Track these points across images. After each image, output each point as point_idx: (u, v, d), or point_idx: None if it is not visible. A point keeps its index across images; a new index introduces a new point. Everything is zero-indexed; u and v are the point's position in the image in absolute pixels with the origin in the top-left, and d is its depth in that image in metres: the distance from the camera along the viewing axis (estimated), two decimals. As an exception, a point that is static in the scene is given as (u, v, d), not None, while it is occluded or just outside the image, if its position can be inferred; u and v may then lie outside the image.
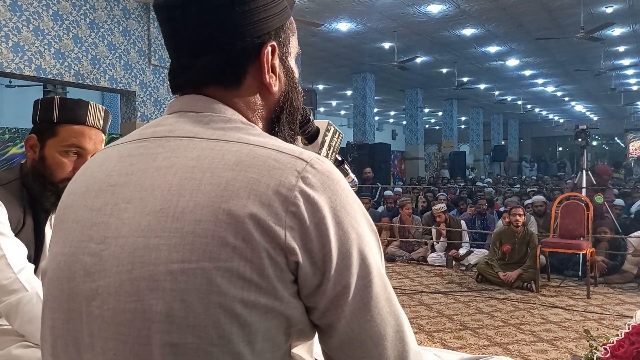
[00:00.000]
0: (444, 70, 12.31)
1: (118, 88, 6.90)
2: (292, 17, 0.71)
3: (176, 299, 0.50)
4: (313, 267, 0.53)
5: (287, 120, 0.70)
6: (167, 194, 0.54)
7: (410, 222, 6.60)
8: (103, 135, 1.37)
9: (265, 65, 0.64)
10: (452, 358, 0.90)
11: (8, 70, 5.74)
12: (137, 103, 7.11)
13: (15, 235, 1.18)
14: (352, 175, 1.03)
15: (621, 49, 10.54)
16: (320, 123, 0.91)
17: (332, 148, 0.92)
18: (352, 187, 1.05)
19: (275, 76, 0.66)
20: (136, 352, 0.51)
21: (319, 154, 0.91)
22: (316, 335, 0.61)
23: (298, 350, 0.68)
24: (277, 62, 0.66)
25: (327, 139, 0.91)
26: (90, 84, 6.60)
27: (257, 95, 0.65)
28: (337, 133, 0.93)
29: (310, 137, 0.90)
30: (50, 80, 6.65)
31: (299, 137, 0.92)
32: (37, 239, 1.26)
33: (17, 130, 6.97)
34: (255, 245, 0.51)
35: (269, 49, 0.64)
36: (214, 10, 0.61)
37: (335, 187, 0.56)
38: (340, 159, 0.97)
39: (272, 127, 0.68)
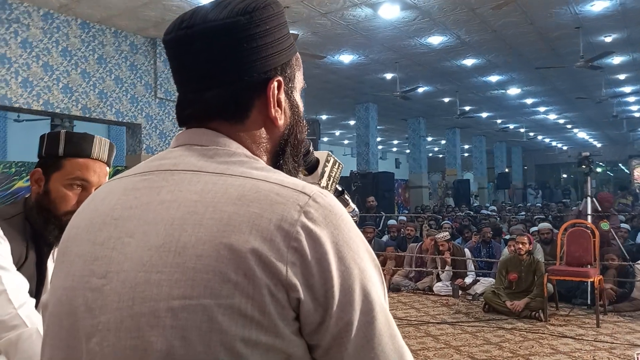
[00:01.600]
0: (446, 100, 12.43)
1: (124, 121, 7.01)
2: (298, 53, 0.72)
3: (177, 336, 0.50)
4: (315, 303, 0.53)
5: (292, 152, 0.70)
6: (170, 228, 0.54)
7: (433, 252, 6.44)
8: (107, 168, 1.38)
9: (272, 100, 0.64)
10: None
11: (17, 105, 5.85)
12: (142, 135, 7.20)
13: (18, 270, 1.18)
14: (352, 205, 1.04)
15: (622, 76, 10.64)
16: (320, 154, 0.92)
17: (332, 178, 0.92)
18: (352, 217, 1.05)
19: (281, 110, 0.66)
20: None
21: (319, 184, 0.91)
22: None
23: None
24: (282, 96, 0.66)
25: (327, 169, 0.91)
26: (97, 117, 6.70)
27: (263, 129, 0.66)
28: (337, 164, 0.94)
29: (310, 168, 0.91)
30: (58, 115, 6.77)
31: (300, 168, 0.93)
32: (39, 274, 1.26)
33: (23, 164, 7.04)
34: (256, 281, 0.50)
35: (275, 84, 0.64)
36: (221, 46, 0.61)
37: (337, 222, 0.55)
38: (340, 189, 0.98)
39: (276, 160, 0.69)
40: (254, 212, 0.53)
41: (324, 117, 15.20)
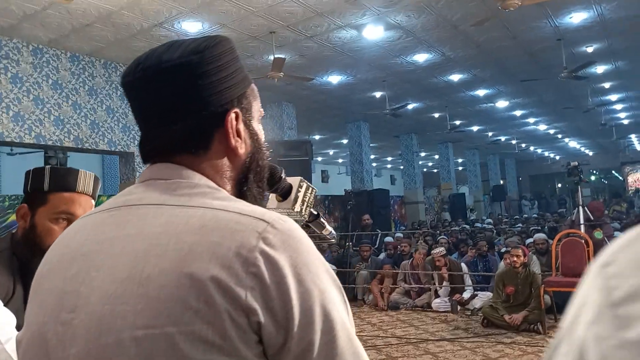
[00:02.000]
0: (436, 115, 12.56)
1: (117, 150, 7.04)
2: (253, 85, 0.75)
3: None
4: (276, 325, 0.54)
5: (255, 179, 0.73)
6: (134, 261, 0.56)
7: (424, 267, 6.46)
8: (92, 201, 1.41)
9: (230, 130, 0.68)
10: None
11: (9, 139, 5.89)
12: (135, 163, 7.23)
13: (5, 305, 1.19)
14: (329, 228, 1.06)
15: (607, 85, 10.80)
16: (293, 180, 0.95)
17: (305, 203, 0.95)
18: (330, 239, 1.09)
19: (241, 139, 0.69)
20: None
21: (293, 209, 0.94)
22: None
23: None
24: (241, 126, 0.70)
25: (300, 194, 0.94)
26: (90, 148, 6.74)
27: (225, 158, 0.69)
28: (310, 189, 0.97)
29: (284, 194, 0.94)
30: (50, 147, 6.80)
31: (274, 195, 0.96)
32: (27, 308, 1.27)
33: (17, 197, 7.03)
34: (216, 307, 0.52)
35: (233, 115, 0.68)
36: (177, 84, 0.65)
37: (296, 245, 0.58)
38: (315, 212, 1.00)
39: (240, 187, 0.71)
40: (214, 241, 0.55)
41: (316, 137, 15.29)
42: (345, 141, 14.92)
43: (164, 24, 5.88)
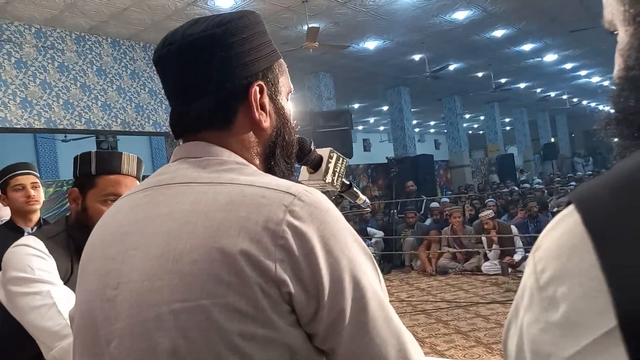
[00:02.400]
0: (480, 74, 12.09)
1: (162, 131, 7.25)
2: (282, 60, 0.75)
3: (180, 336, 0.54)
4: (307, 295, 0.56)
5: (282, 154, 0.73)
6: (168, 239, 0.58)
7: (462, 230, 6.44)
8: (137, 182, 1.46)
9: (254, 103, 0.68)
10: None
11: (61, 127, 6.18)
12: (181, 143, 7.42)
13: (65, 284, 1.28)
14: (362, 197, 1.06)
15: (666, 28, 10.00)
16: (323, 151, 0.95)
17: (337, 174, 0.95)
18: (365, 207, 1.08)
19: (266, 113, 0.70)
20: None
21: (324, 180, 0.94)
22: None
23: None
24: (266, 100, 0.70)
25: (331, 165, 0.94)
26: (136, 130, 6.97)
27: (251, 132, 0.70)
28: (341, 159, 0.97)
29: (314, 166, 0.94)
30: (100, 132, 7.09)
31: (305, 167, 0.96)
32: (76, 288, 1.35)
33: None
34: (247, 280, 0.54)
35: (257, 88, 0.68)
36: (201, 58, 0.66)
37: (323, 217, 0.58)
38: (347, 182, 1.00)
39: (268, 162, 0.72)
40: (242, 216, 0.57)
41: (356, 105, 15.12)
42: (385, 108, 14.67)
43: (197, 2, 5.90)
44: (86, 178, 1.39)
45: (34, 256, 1.25)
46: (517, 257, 5.92)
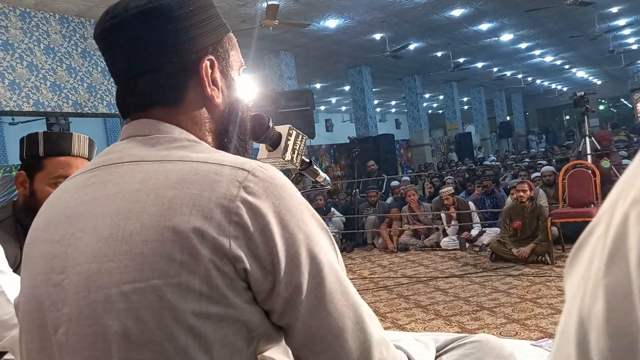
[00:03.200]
0: (439, 54, 12.25)
1: (117, 113, 7.00)
2: (231, 33, 0.73)
3: (131, 317, 0.53)
4: (263, 271, 0.55)
5: (235, 130, 0.72)
6: (116, 219, 0.56)
7: (418, 208, 6.60)
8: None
9: (205, 78, 0.66)
10: (437, 339, 0.91)
11: (7, 109, 5.86)
12: (137, 125, 7.20)
13: (14, 271, 1.23)
14: (322, 175, 1.06)
15: (614, 9, 10.39)
16: (282, 128, 0.94)
17: (296, 151, 0.95)
18: (325, 185, 1.08)
19: (218, 89, 0.68)
20: None
21: (284, 158, 0.94)
22: None
23: (272, 353, 0.71)
24: (218, 75, 0.68)
25: (290, 142, 0.94)
26: (89, 112, 6.70)
27: (203, 109, 0.67)
28: (300, 136, 0.96)
29: (273, 143, 0.93)
30: (50, 113, 6.77)
31: (264, 145, 0.95)
32: (21, 273, 1.30)
33: (24, 166, 7.10)
34: (201, 258, 0.53)
35: (207, 63, 0.66)
36: (146, 32, 0.63)
37: (278, 192, 0.58)
38: (307, 160, 1.00)
39: (221, 139, 0.70)
40: (194, 194, 0.55)
41: (317, 85, 15.05)
42: (347, 88, 14.68)
43: (150, -23, 5.67)
44: (34, 160, 1.34)
45: (-21, 243, 1.19)
46: (474, 232, 6.11)
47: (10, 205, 1.36)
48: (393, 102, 21.85)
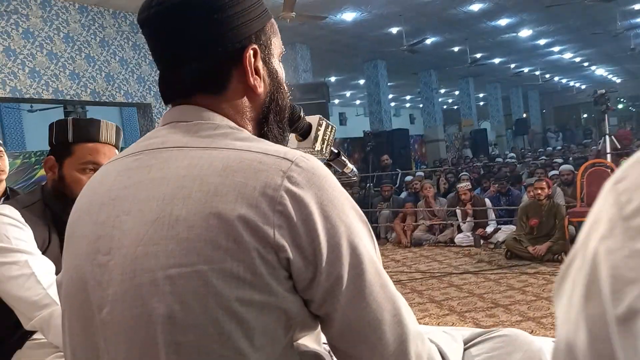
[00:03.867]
0: (456, 49, 12.12)
1: (134, 102, 7.05)
2: (272, 19, 0.72)
3: (176, 301, 0.53)
4: (305, 261, 0.56)
5: (275, 119, 0.72)
6: (162, 204, 0.57)
7: (434, 203, 6.55)
8: (116, 150, 1.43)
9: (249, 68, 0.66)
10: (463, 333, 0.91)
11: (27, 96, 5.94)
12: (153, 114, 7.25)
13: (43, 254, 1.25)
14: (350, 166, 1.06)
15: (637, 6, 10.18)
16: (312, 119, 0.94)
17: (325, 142, 0.95)
18: (352, 177, 1.08)
19: (260, 78, 0.68)
20: (144, 353, 0.55)
21: (314, 148, 0.94)
22: None
23: (305, 340, 0.71)
24: (260, 64, 0.68)
25: (320, 133, 0.93)
26: (107, 101, 6.76)
27: (245, 97, 0.68)
28: (330, 127, 0.96)
29: (304, 133, 0.93)
30: (68, 101, 6.85)
31: (293, 135, 0.95)
32: (63, 253, 1.33)
33: (42, 153, 7.20)
34: (245, 245, 0.53)
35: (251, 52, 0.66)
36: (192, 20, 0.63)
37: (321, 183, 0.58)
38: (336, 151, 1.00)
39: (261, 127, 0.71)
40: (239, 182, 0.55)
41: (332, 79, 15.00)
42: (362, 82, 14.61)
43: (170, -32, 5.68)
44: (62, 146, 1.35)
45: (10, 225, 1.21)
46: (489, 229, 6.06)
47: (39, 190, 1.38)
48: (407, 97, 21.71)
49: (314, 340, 0.74)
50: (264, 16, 0.69)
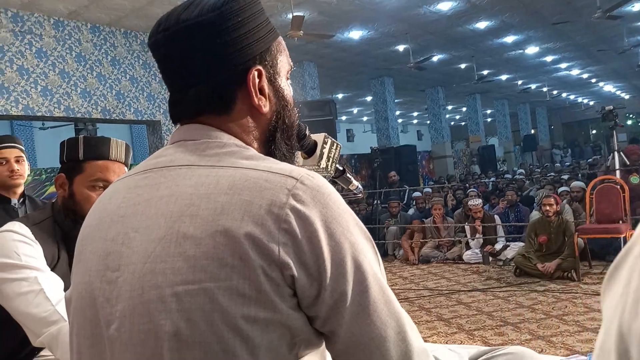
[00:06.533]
0: (463, 66, 12.19)
1: (143, 119, 7.14)
2: (280, 38, 0.73)
3: (182, 319, 0.54)
4: (309, 278, 0.56)
5: (283, 137, 0.72)
6: (170, 221, 0.58)
7: (442, 223, 6.52)
8: (125, 168, 1.44)
9: (252, 89, 0.67)
10: (469, 351, 0.90)
11: (39, 114, 6.04)
12: (162, 132, 7.33)
13: (52, 270, 1.26)
14: (355, 183, 1.07)
15: (644, 23, 10.21)
16: (317, 136, 0.95)
17: (331, 159, 0.96)
18: (357, 194, 1.09)
19: (265, 98, 0.69)
20: None
21: (319, 165, 0.95)
22: None
23: (310, 358, 0.71)
24: (265, 84, 0.69)
25: (325, 150, 0.95)
26: (117, 119, 6.86)
27: (249, 117, 0.69)
28: (335, 144, 0.97)
29: (309, 151, 0.94)
30: (80, 119, 6.95)
31: (299, 152, 0.96)
32: (72, 269, 1.34)
33: (52, 170, 7.28)
34: (251, 263, 0.54)
35: (255, 73, 0.67)
36: (196, 44, 0.65)
37: (325, 201, 0.59)
38: (341, 168, 1.01)
39: (268, 146, 0.71)
40: (245, 200, 0.56)
41: (340, 95, 15.10)
42: (369, 98, 14.69)
43: (180, -12, 5.81)
44: (73, 163, 1.37)
45: (20, 242, 1.23)
46: (497, 246, 6.01)
47: (49, 207, 1.40)
48: (415, 113, 21.76)
49: (319, 358, 0.74)
50: (270, 36, 0.70)
